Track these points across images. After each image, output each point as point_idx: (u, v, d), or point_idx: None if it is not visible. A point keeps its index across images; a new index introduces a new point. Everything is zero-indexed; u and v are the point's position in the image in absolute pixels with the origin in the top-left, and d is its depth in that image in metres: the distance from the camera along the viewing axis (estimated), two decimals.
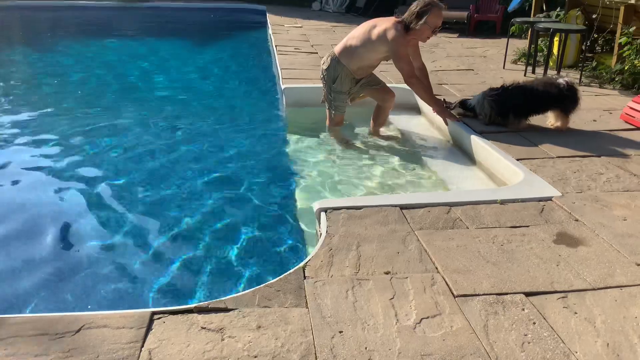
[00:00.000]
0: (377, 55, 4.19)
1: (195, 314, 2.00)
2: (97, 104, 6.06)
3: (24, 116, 5.62)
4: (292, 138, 4.73)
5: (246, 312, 2.01)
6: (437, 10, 3.99)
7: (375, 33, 4.09)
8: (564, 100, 4.03)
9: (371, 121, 4.63)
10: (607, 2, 6.11)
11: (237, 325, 1.93)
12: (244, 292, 2.15)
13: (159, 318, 1.97)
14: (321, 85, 4.48)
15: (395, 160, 4.12)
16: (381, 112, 4.56)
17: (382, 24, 4.10)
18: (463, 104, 4.37)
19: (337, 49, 4.30)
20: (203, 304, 2.06)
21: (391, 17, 4.20)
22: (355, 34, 4.25)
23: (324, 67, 4.32)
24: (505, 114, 4.13)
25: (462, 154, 4.13)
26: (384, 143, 4.51)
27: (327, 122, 4.48)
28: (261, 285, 2.19)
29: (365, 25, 4.22)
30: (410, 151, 4.31)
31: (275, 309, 2.03)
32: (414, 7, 4.02)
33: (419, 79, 4.24)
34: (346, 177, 3.85)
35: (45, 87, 7.05)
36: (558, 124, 4.16)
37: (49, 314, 2.04)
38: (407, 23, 4.03)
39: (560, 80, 4.06)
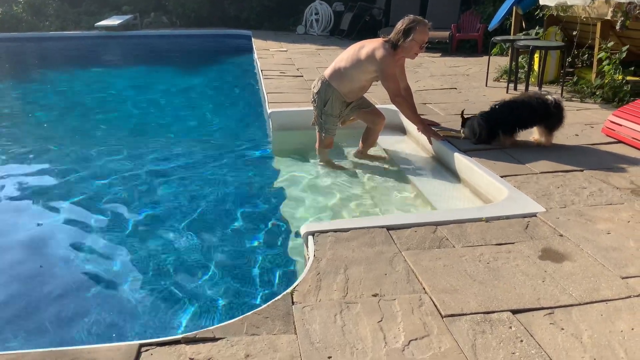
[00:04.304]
0: (367, 76, 4.24)
1: (183, 345, 1.99)
2: (81, 133, 6.09)
3: (11, 146, 5.61)
4: (278, 161, 4.76)
5: (234, 340, 2.00)
6: (422, 27, 4.08)
7: (363, 53, 4.16)
8: (550, 117, 4.06)
9: (360, 142, 4.66)
10: (584, 19, 6.25)
11: (225, 355, 1.92)
12: (232, 321, 2.14)
13: (146, 350, 1.96)
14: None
15: (381, 181, 4.15)
16: (371, 134, 4.60)
17: (370, 44, 4.17)
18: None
19: (327, 72, 4.34)
20: (191, 334, 2.05)
21: (378, 38, 4.27)
22: (344, 56, 4.31)
23: (315, 90, 4.36)
24: (494, 133, 4.15)
25: (447, 172, 4.17)
26: (370, 164, 4.54)
27: (317, 144, 4.51)
28: (249, 313, 2.19)
29: (354, 47, 4.29)
30: (396, 171, 4.35)
31: (264, 337, 2.03)
32: (399, 25, 4.11)
33: (404, 98, 4.31)
34: (333, 199, 3.86)
35: (32, 117, 7.05)
36: (542, 140, 4.21)
37: (36, 350, 2.02)
38: (394, 42, 4.10)
39: (549, 97, 4.08)
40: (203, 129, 6.22)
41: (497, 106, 4.18)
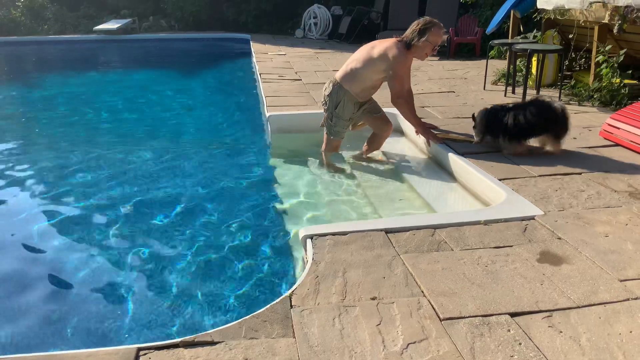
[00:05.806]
0: (378, 75, 4.24)
1: (182, 349, 1.99)
2: (78, 135, 6.09)
3: (8, 150, 5.61)
4: (277, 164, 4.76)
5: (233, 344, 2.00)
6: (437, 29, 4.16)
7: (376, 52, 4.18)
8: (557, 123, 3.94)
9: (365, 144, 4.66)
10: (582, 23, 6.27)
11: (223, 359, 1.92)
12: (230, 324, 2.14)
13: (144, 354, 1.96)
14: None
15: (380, 183, 4.15)
16: (377, 139, 4.61)
17: (383, 44, 4.20)
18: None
19: (338, 74, 4.36)
20: (189, 338, 2.04)
21: (391, 38, 4.29)
22: (355, 57, 4.33)
23: (326, 92, 4.37)
24: (490, 128, 4.10)
25: (446, 174, 4.17)
26: (369, 166, 4.55)
27: (323, 146, 4.52)
28: (247, 316, 2.19)
29: (365, 47, 4.32)
30: (395, 173, 4.35)
31: (262, 340, 2.03)
32: (415, 25, 4.17)
33: (406, 99, 4.32)
34: (332, 202, 3.86)
35: (31, 119, 7.05)
36: (551, 149, 4.08)
37: (34, 354, 2.02)
38: (408, 41, 4.13)
39: (556, 104, 3.95)
40: (201, 132, 6.22)
41: (510, 104, 4.14)
